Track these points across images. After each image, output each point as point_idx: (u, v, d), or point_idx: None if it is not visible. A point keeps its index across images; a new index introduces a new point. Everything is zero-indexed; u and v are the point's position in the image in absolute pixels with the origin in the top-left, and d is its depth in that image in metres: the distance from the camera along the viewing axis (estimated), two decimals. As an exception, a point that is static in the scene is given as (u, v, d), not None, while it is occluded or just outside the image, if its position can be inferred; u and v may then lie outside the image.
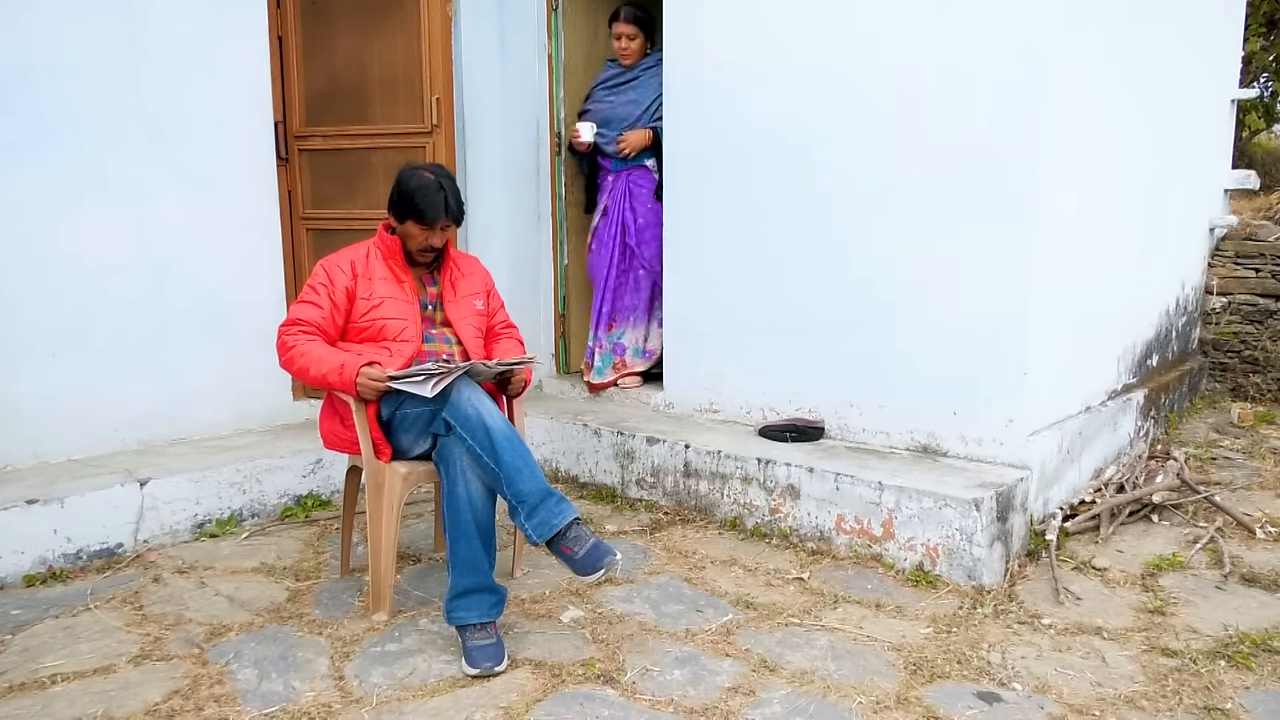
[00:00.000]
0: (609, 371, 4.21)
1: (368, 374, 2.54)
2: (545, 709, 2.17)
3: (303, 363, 2.61)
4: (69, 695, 2.22)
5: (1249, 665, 2.36)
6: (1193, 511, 3.39)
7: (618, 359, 4.22)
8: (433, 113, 3.98)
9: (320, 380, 2.61)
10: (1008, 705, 2.20)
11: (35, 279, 3.26)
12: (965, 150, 3.10)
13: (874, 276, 3.34)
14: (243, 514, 3.41)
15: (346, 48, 4.00)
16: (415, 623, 2.62)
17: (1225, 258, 5.17)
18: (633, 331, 4.23)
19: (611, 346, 4.22)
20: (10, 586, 2.84)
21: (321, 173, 4.08)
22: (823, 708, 2.17)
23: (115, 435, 3.49)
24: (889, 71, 3.22)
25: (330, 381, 2.59)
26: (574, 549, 2.35)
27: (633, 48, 4.10)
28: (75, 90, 3.30)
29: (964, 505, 2.83)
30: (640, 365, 4.24)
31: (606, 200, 4.22)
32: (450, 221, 2.71)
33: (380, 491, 2.61)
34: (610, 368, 4.21)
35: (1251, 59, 7.73)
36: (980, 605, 2.72)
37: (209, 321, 3.70)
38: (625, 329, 4.22)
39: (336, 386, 2.59)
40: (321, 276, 2.71)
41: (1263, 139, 9.20)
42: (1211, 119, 4.92)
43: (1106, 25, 3.42)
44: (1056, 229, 3.18)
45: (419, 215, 2.66)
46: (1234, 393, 5.05)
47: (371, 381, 2.54)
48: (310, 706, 2.18)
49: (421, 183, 2.66)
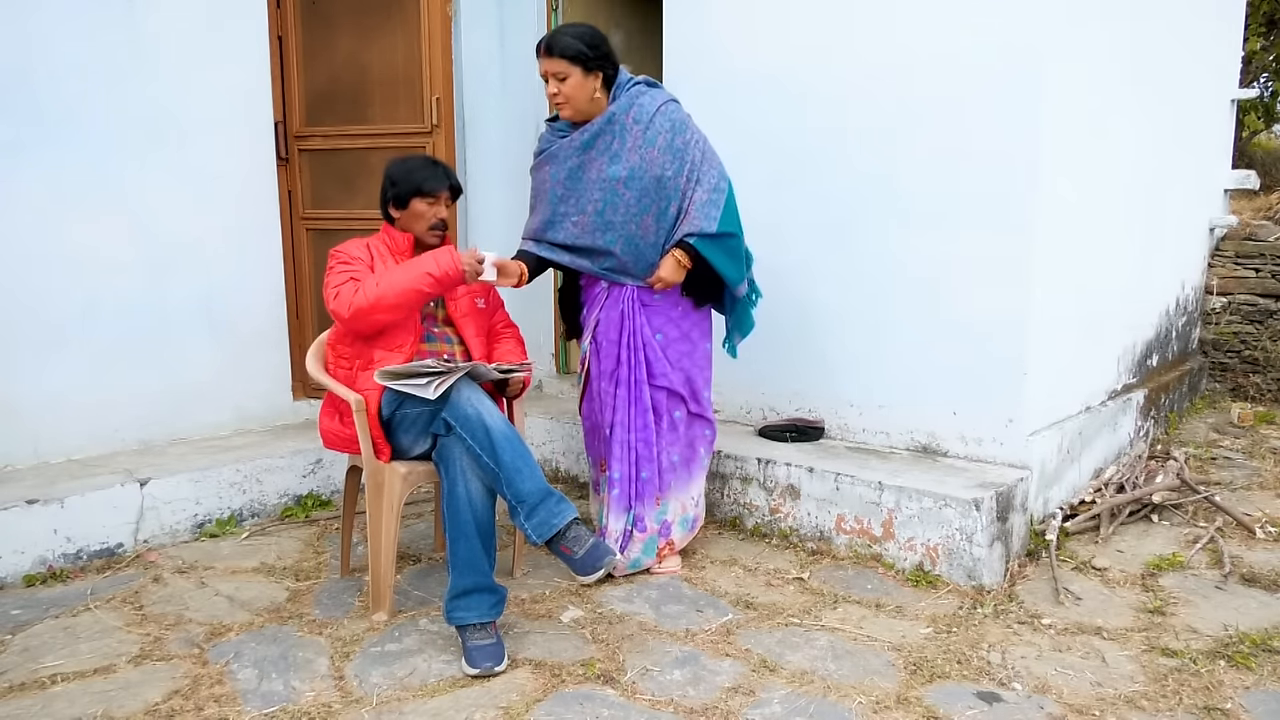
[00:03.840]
0: (652, 559, 2.97)
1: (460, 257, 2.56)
2: (545, 709, 2.16)
3: (380, 290, 2.51)
4: (69, 695, 2.22)
5: (1249, 665, 2.36)
6: (1193, 511, 3.39)
7: (664, 542, 2.98)
8: (433, 113, 3.98)
9: (410, 294, 2.52)
10: (1008, 705, 2.20)
11: (35, 278, 3.26)
12: (965, 150, 3.10)
13: (874, 276, 3.34)
14: (243, 514, 3.41)
15: (346, 48, 4.00)
16: (415, 623, 2.62)
17: (1225, 258, 5.17)
18: (679, 498, 3.00)
19: (659, 527, 2.97)
20: (10, 586, 2.84)
21: (321, 173, 4.08)
22: (823, 708, 2.17)
23: (115, 435, 3.49)
24: (888, 71, 3.22)
25: (422, 286, 2.52)
26: (573, 549, 2.35)
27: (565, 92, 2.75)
28: (76, 90, 3.30)
29: (964, 505, 2.83)
30: (687, 539, 3.05)
31: (600, 314, 2.92)
32: (450, 191, 2.73)
33: (380, 491, 2.61)
34: (654, 554, 2.97)
35: (1251, 59, 7.74)
36: (980, 605, 2.72)
37: (209, 321, 3.70)
38: (671, 498, 2.99)
39: (436, 286, 2.54)
40: (342, 256, 2.68)
41: (1263, 139, 9.20)
42: (1211, 119, 4.92)
43: (1107, 25, 3.42)
44: (1057, 229, 3.18)
45: (421, 190, 2.68)
46: (1234, 393, 5.05)
47: (474, 263, 2.57)
48: (310, 706, 2.18)
49: (414, 162, 2.72)
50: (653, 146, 2.76)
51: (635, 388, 2.90)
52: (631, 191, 2.77)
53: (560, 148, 2.84)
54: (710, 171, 2.81)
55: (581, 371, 3.03)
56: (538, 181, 2.94)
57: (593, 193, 2.80)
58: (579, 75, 2.71)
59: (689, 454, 3.00)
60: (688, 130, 2.81)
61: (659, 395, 2.93)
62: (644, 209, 2.79)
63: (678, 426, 2.97)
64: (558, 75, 2.71)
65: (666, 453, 2.95)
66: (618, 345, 2.90)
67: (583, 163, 2.81)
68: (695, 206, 2.78)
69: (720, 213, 2.79)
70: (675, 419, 2.96)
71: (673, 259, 2.80)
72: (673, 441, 2.97)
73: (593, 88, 2.74)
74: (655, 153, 2.76)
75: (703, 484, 3.07)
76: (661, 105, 2.80)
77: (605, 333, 2.92)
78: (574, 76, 2.70)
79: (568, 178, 2.83)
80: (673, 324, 2.93)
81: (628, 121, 2.77)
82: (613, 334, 2.90)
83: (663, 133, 2.77)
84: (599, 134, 2.78)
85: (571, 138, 2.81)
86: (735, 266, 2.86)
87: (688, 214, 2.79)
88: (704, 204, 2.79)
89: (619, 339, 2.90)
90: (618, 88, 2.79)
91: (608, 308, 2.90)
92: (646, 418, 2.91)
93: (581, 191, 2.82)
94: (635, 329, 2.88)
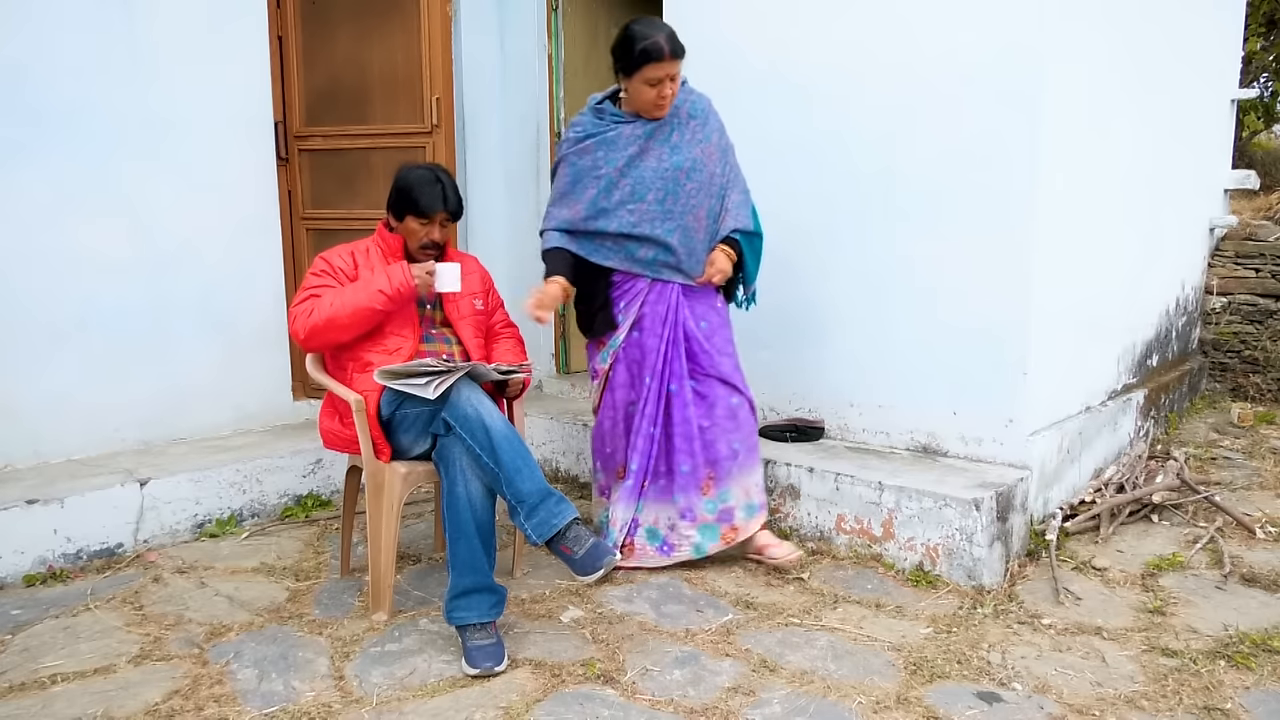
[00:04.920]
0: (717, 542, 2.97)
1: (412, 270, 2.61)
2: (545, 709, 2.16)
3: (332, 311, 2.57)
4: (69, 695, 2.22)
5: (1249, 665, 2.36)
6: (1193, 511, 3.39)
7: (726, 527, 2.96)
8: (433, 113, 3.98)
9: (363, 312, 2.57)
10: (1008, 705, 2.20)
11: (36, 278, 3.26)
12: (965, 150, 3.10)
13: (875, 275, 3.34)
14: (243, 514, 3.41)
15: (346, 48, 4.00)
16: (415, 623, 2.62)
17: (1225, 258, 5.17)
18: (742, 483, 2.95)
19: (717, 514, 2.95)
20: (10, 586, 2.84)
21: (321, 173, 4.08)
22: (823, 708, 2.17)
23: (115, 435, 3.49)
24: (888, 70, 3.22)
25: (375, 304, 2.57)
26: (573, 549, 2.35)
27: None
28: (76, 90, 3.30)
29: (964, 505, 2.83)
30: (756, 523, 2.97)
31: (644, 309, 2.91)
32: (449, 214, 2.72)
33: (380, 491, 2.61)
34: (718, 539, 2.97)
35: (1251, 59, 7.74)
36: (980, 605, 2.72)
37: (209, 321, 3.70)
38: (731, 485, 2.95)
39: (388, 302, 2.59)
40: (322, 265, 2.72)
41: (1263, 139, 9.20)
42: (1211, 119, 4.92)
43: (1107, 26, 3.42)
44: (1057, 228, 3.18)
45: (416, 208, 2.67)
46: (1234, 393, 5.05)
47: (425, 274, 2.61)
48: (310, 706, 2.18)
49: (418, 177, 2.69)
50: (709, 142, 2.88)
51: (675, 380, 2.91)
52: (693, 183, 2.85)
53: (620, 133, 2.83)
54: (740, 174, 3.00)
55: (601, 368, 2.99)
56: (579, 169, 2.86)
57: (655, 181, 2.82)
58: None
59: (750, 441, 2.99)
60: (726, 132, 2.96)
61: (712, 385, 2.92)
62: (699, 202, 2.87)
63: (736, 413, 2.94)
64: (675, 77, 2.76)
65: (726, 440, 2.93)
66: (660, 339, 2.90)
67: (643, 150, 2.83)
68: (734, 205, 2.94)
69: (749, 213, 2.97)
70: (733, 406, 2.94)
71: (722, 252, 2.91)
72: (732, 429, 2.93)
73: None
74: (711, 148, 2.88)
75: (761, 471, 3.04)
76: (710, 104, 2.94)
77: (651, 327, 2.91)
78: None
79: (626, 164, 2.82)
80: (715, 312, 2.99)
81: (684, 115, 2.87)
82: (658, 328, 2.90)
83: (715, 130, 2.92)
84: (664, 123, 2.84)
85: (635, 125, 2.83)
86: (756, 266, 3.04)
87: (728, 211, 2.93)
88: (739, 204, 2.96)
89: (663, 332, 2.90)
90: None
91: (652, 302, 2.90)
92: (686, 411, 2.91)
93: (641, 179, 2.82)
94: (679, 320, 2.91)
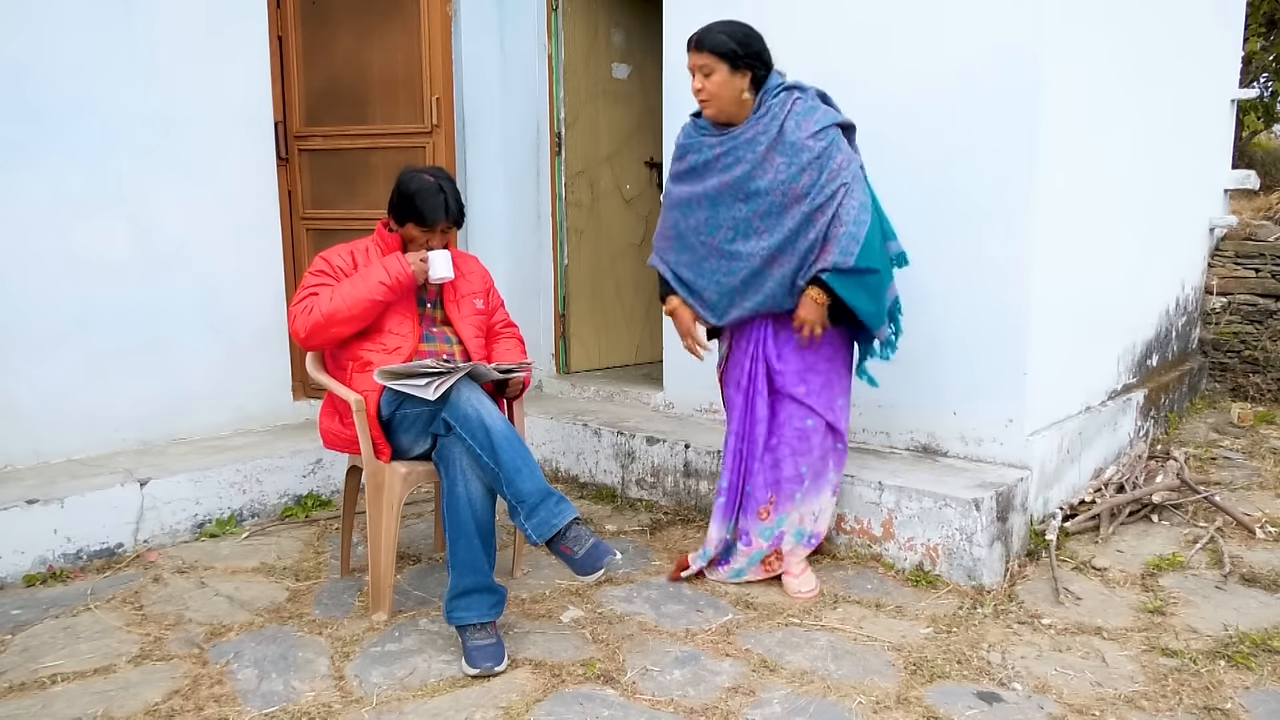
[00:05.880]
0: (757, 569, 2.87)
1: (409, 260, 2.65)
2: (545, 709, 2.16)
3: (332, 306, 2.60)
4: (69, 695, 2.22)
5: (1249, 665, 2.36)
6: (1193, 511, 3.39)
7: (772, 551, 2.87)
8: (433, 113, 3.98)
9: (365, 304, 2.60)
10: (1008, 705, 2.20)
11: (36, 278, 3.26)
12: (965, 149, 3.10)
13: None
14: (243, 514, 3.41)
15: (346, 48, 4.00)
16: (415, 623, 2.62)
17: (1225, 258, 5.17)
18: (800, 510, 2.86)
19: (770, 539, 2.85)
20: (10, 586, 2.84)
21: (321, 173, 4.08)
22: (823, 708, 2.17)
23: (115, 435, 3.49)
24: (888, 70, 3.22)
25: (376, 296, 2.60)
26: (574, 549, 2.35)
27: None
28: (76, 90, 3.30)
29: (964, 505, 2.83)
30: (801, 553, 2.88)
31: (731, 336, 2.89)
32: (450, 223, 2.71)
33: (380, 491, 2.61)
34: (760, 564, 2.88)
35: (1251, 59, 7.74)
36: (980, 605, 2.72)
37: (209, 321, 3.70)
38: (790, 510, 2.85)
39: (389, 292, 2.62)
40: (322, 265, 2.73)
41: (1263, 139, 9.21)
42: (1211, 119, 4.92)
43: (1106, 26, 3.42)
44: (1056, 228, 3.18)
45: (419, 217, 2.67)
46: (1234, 393, 5.05)
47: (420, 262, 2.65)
48: (310, 706, 2.18)
49: (421, 185, 2.67)
50: (795, 165, 2.60)
51: (755, 397, 2.80)
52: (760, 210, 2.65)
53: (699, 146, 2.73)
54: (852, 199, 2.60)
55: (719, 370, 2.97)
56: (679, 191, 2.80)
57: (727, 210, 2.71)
58: (725, 72, 2.59)
59: (820, 467, 2.85)
60: (840, 150, 2.62)
61: (783, 402, 2.79)
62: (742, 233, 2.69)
63: (809, 436, 2.79)
64: (704, 70, 2.61)
65: (792, 461, 2.80)
66: (745, 355, 2.82)
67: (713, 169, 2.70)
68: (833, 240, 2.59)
69: (860, 246, 2.56)
70: (807, 428, 2.78)
71: (809, 298, 2.64)
72: (803, 452, 2.79)
73: (740, 87, 2.62)
74: (796, 172, 2.60)
75: (831, 502, 2.91)
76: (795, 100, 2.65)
77: (743, 345, 2.84)
78: (719, 73, 2.60)
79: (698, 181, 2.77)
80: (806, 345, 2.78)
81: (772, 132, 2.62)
82: (742, 343, 2.83)
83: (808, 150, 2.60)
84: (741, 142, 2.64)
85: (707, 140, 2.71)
86: (875, 305, 2.67)
87: (829, 241, 2.60)
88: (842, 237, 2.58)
89: (747, 347, 2.81)
90: (764, 92, 2.65)
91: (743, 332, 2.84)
92: (758, 429, 2.81)
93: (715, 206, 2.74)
94: (763, 337, 2.79)
